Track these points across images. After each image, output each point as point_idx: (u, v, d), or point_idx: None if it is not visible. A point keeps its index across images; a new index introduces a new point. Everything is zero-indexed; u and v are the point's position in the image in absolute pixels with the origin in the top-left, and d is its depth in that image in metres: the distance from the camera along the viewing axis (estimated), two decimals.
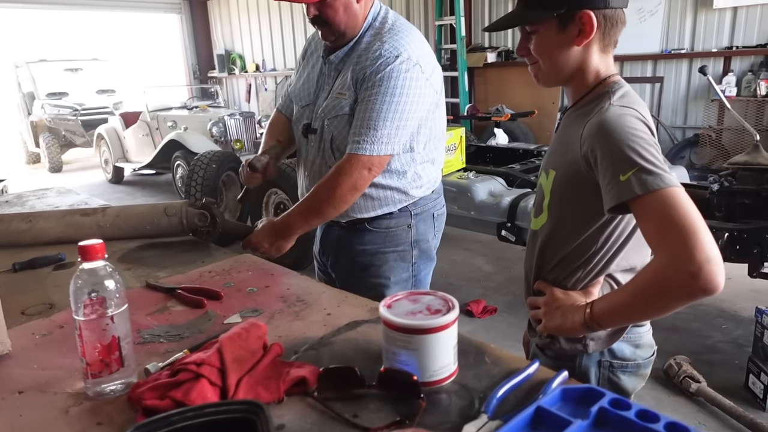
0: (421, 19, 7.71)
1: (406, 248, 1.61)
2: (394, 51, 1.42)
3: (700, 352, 2.76)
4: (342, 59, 1.51)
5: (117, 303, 0.84)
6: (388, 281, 1.60)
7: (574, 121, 1.03)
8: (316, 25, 1.49)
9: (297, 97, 1.65)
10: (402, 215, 1.59)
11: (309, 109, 1.59)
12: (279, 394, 0.81)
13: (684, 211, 0.83)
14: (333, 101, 1.50)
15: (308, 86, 1.61)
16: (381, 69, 1.41)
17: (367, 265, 1.59)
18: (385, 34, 1.47)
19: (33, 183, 8.05)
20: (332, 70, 1.54)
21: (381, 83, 1.41)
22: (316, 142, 1.56)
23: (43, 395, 0.86)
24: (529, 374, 0.84)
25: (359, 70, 1.45)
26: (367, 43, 1.48)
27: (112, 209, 1.57)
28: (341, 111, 1.48)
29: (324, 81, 1.57)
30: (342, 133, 1.49)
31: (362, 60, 1.45)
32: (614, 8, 0.99)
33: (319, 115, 1.54)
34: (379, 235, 1.58)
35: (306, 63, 1.67)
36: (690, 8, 5.42)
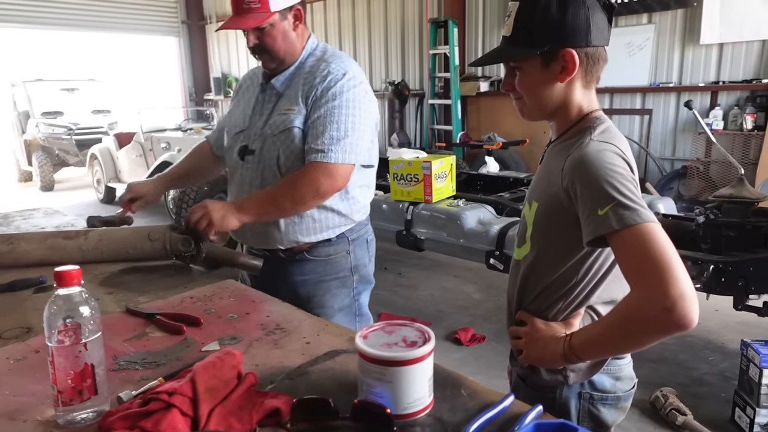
0: (416, 47, 7.84)
1: (346, 274, 1.67)
2: (341, 69, 1.55)
3: (686, 384, 2.75)
4: (285, 83, 1.61)
5: (92, 329, 0.83)
6: (332, 309, 1.64)
7: (556, 155, 1.06)
8: (257, 54, 1.59)
9: (230, 126, 1.73)
10: (340, 242, 1.65)
11: (243, 134, 1.67)
12: (251, 424, 0.80)
13: (659, 247, 0.85)
14: (279, 117, 1.58)
15: (243, 114, 1.70)
16: (332, 85, 1.53)
17: (309, 296, 1.63)
18: (328, 58, 1.60)
19: (24, 201, 8.01)
20: (273, 95, 1.64)
21: (335, 98, 1.52)
22: (255, 162, 1.62)
23: (12, 422, 0.85)
24: (504, 408, 0.84)
25: (308, 89, 1.55)
26: (311, 66, 1.60)
27: (95, 233, 1.57)
28: (290, 124, 1.55)
29: (262, 106, 1.66)
30: (289, 148, 1.56)
31: (310, 79, 1.56)
32: (596, 46, 1.02)
33: (258, 136, 1.62)
34: (318, 263, 1.63)
35: (240, 97, 1.77)
36: (678, 43, 5.55)
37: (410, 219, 3.56)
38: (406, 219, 3.57)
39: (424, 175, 3.47)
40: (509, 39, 1.05)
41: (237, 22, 1.51)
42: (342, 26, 8.70)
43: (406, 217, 3.57)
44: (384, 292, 4.23)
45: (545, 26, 1.00)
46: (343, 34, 8.71)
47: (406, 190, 3.57)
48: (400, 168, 3.55)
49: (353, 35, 8.57)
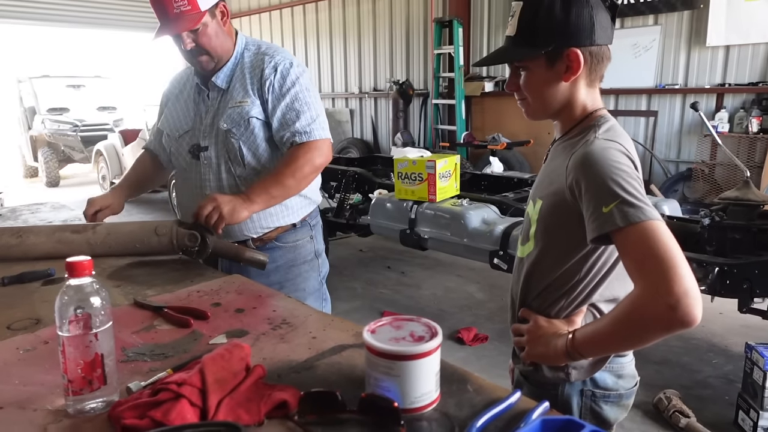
0: (420, 47, 7.84)
1: (312, 258, 1.80)
2: (287, 59, 1.65)
3: (690, 387, 2.75)
4: (226, 79, 1.67)
5: (102, 320, 0.84)
6: (305, 293, 1.75)
7: (561, 153, 1.06)
8: (196, 57, 1.61)
9: (172, 129, 1.76)
10: (303, 227, 1.77)
11: (189, 134, 1.72)
12: (259, 416, 0.81)
13: (664, 244, 0.85)
14: (233, 110, 1.63)
15: (184, 115, 1.75)
16: (286, 74, 1.62)
17: (282, 281, 1.72)
18: (267, 51, 1.68)
19: (29, 197, 8.04)
20: (215, 92, 1.68)
21: (294, 85, 1.62)
22: (211, 157, 1.67)
23: (22, 411, 0.85)
24: (511, 404, 0.84)
25: (259, 81, 1.62)
26: (251, 60, 1.67)
27: (103, 227, 1.58)
28: (246, 115, 1.62)
29: (203, 105, 1.71)
30: (249, 138, 1.63)
31: (257, 72, 1.63)
32: (600, 45, 1.03)
33: (208, 132, 1.67)
34: (287, 249, 1.74)
35: (174, 101, 1.79)
36: (684, 45, 5.53)
37: (414, 218, 3.56)
38: (410, 218, 3.58)
39: (428, 174, 3.47)
40: (513, 39, 1.06)
41: (172, 28, 1.53)
42: (347, 26, 8.70)
43: (410, 216, 3.57)
44: (387, 291, 4.23)
45: (549, 26, 1.00)
46: (348, 34, 8.72)
47: (410, 189, 3.57)
48: (404, 167, 3.56)
49: (358, 35, 8.58)
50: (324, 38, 9.09)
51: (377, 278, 4.52)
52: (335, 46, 8.95)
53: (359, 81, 8.71)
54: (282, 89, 1.61)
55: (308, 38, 9.33)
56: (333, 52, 9.01)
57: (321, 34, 9.12)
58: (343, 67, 8.92)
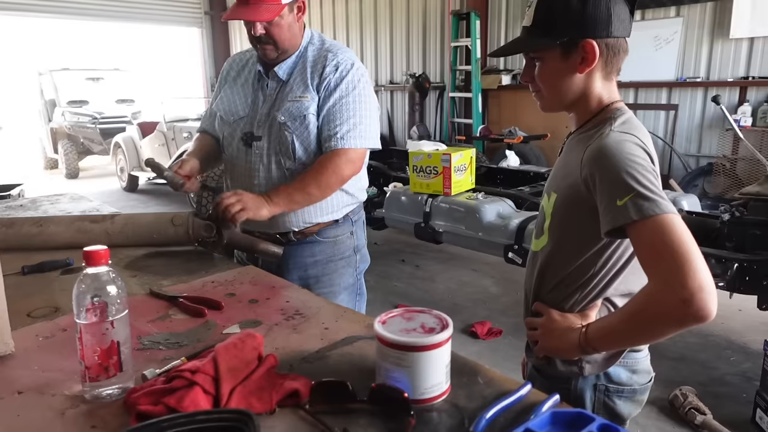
0: (437, 39, 7.79)
1: (350, 254, 1.78)
2: (350, 60, 1.64)
3: (707, 384, 2.71)
4: (288, 71, 1.65)
5: (118, 308, 0.85)
6: (339, 288, 1.74)
7: (576, 146, 1.05)
8: (260, 44, 1.59)
9: (227, 113, 1.73)
10: (345, 223, 1.75)
11: (244, 121, 1.69)
12: (271, 405, 0.82)
13: (678, 238, 0.84)
14: (293, 104, 1.61)
15: (241, 101, 1.72)
16: (344, 75, 1.61)
17: (319, 275, 1.71)
18: (331, 48, 1.66)
19: (50, 188, 8.19)
20: (275, 82, 1.66)
21: (348, 87, 1.61)
22: (263, 148, 1.65)
23: (41, 396, 0.88)
24: (521, 396, 0.84)
25: (319, 78, 1.61)
26: (314, 56, 1.65)
27: (121, 217, 1.60)
28: (305, 111, 1.60)
29: (262, 93, 1.69)
30: (303, 134, 1.62)
31: (318, 68, 1.62)
32: (616, 37, 1.01)
33: (264, 122, 1.65)
34: (327, 244, 1.72)
35: (231, 83, 1.76)
36: (706, 37, 5.42)
37: (429, 211, 3.56)
38: (425, 211, 3.57)
39: (444, 167, 3.46)
40: (529, 29, 1.05)
41: (249, 13, 1.51)
42: (363, 18, 8.68)
43: (425, 210, 3.57)
44: (401, 284, 4.24)
45: (566, 16, 1.00)
46: (364, 26, 8.70)
47: (425, 183, 3.57)
48: (419, 160, 3.55)
49: (374, 27, 8.55)
50: (340, 31, 9.08)
51: (391, 271, 4.53)
52: (351, 38, 8.93)
53: (375, 74, 8.70)
54: (336, 89, 1.60)
55: (324, 31, 9.32)
56: (349, 45, 9.00)
57: (338, 27, 9.12)
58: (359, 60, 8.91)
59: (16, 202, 2.42)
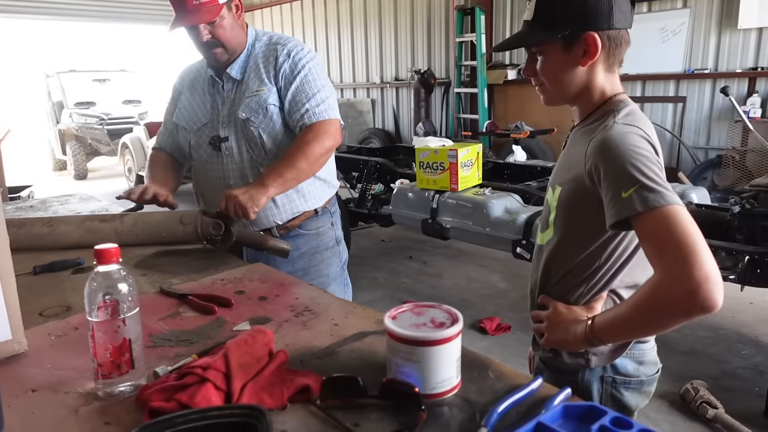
0: (442, 35, 7.77)
1: (333, 245, 1.84)
2: (299, 46, 1.69)
3: (718, 378, 2.70)
4: (240, 70, 1.69)
5: (129, 306, 0.86)
6: (328, 278, 1.80)
7: (579, 139, 1.05)
8: (211, 49, 1.62)
9: (189, 122, 1.77)
10: (324, 215, 1.81)
11: (208, 127, 1.73)
12: (282, 400, 0.82)
13: (684, 229, 0.84)
14: (251, 99, 1.65)
15: (200, 108, 1.75)
16: (298, 59, 1.65)
17: (307, 267, 1.76)
18: (279, 40, 1.70)
19: (58, 190, 8.24)
20: (229, 83, 1.70)
21: (305, 67, 1.65)
22: (232, 148, 1.69)
23: (54, 394, 0.88)
24: (532, 390, 0.84)
25: (273, 69, 1.65)
26: (264, 51, 1.69)
27: (130, 216, 1.61)
28: (264, 103, 1.64)
29: (218, 97, 1.72)
30: (269, 125, 1.66)
31: (271, 60, 1.66)
32: (618, 29, 1.01)
33: (227, 123, 1.69)
34: (311, 236, 1.78)
35: (187, 94, 1.79)
36: (714, 28, 5.37)
37: (436, 207, 3.55)
38: (432, 207, 3.57)
39: (450, 163, 3.45)
40: (531, 23, 1.05)
41: (191, 18, 1.55)
42: (368, 15, 8.67)
43: (432, 206, 3.56)
44: (408, 281, 4.24)
45: (566, 9, 1.00)
46: (368, 23, 8.68)
47: (431, 179, 3.56)
48: (426, 156, 3.54)
49: (379, 24, 8.54)
50: (345, 28, 9.07)
51: (399, 268, 4.53)
52: (356, 36, 8.92)
53: (380, 71, 8.68)
54: (293, 72, 1.65)
55: (329, 29, 9.32)
56: (354, 42, 8.99)
57: (342, 24, 9.11)
58: (364, 57, 8.90)
59: (26, 203, 2.44)
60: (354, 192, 4.61)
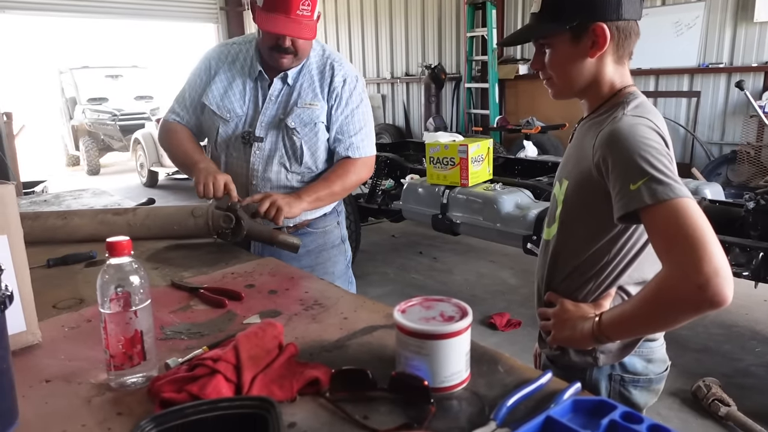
0: (453, 30, 7.73)
1: (339, 243, 1.89)
2: (354, 74, 1.74)
3: (731, 375, 2.67)
4: (295, 77, 1.69)
5: (141, 298, 0.87)
6: (333, 276, 1.82)
7: (587, 131, 1.04)
8: (282, 54, 1.59)
9: (224, 109, 1.71)
10: (331, 215, 1.86)
11: (243, 120, 1.71)
12: (292, 393, 0.82)
13: (693, 222, 0.82)
14: (306, 111, 1.67)
15: (237, 99, 1.70)
16: (353, 89, 1.72)
17: (313, 264, 1.79)
18: (331, 56, 1.73)
19: (72, 185, 8.33)
20: (280, 85, 1.69)
21: (357, 100, 1.73)
22: (265, 149, 1.70)
23: (68, 385, 0.90)
24: (542, 384, 0.84)
25: (328, 88, 1.69)
26: (318, 63, 1.71)
27: (142, 210, 1.63)
28: (317, 119, 1.69)
29: (261, 94, 1.70)
30: (312, 140, 1.70)
31: (327, 78, 1.69)
32: (627, 20, 0.99)
33: (268, 124, 1.69)
34: (318, 235, 1.82)
35: (224, 80, 1.71)
36: (729, 21, 5.29)
37: (446, 203, 3.54)
38: (442, 203, 3.56)
39: (461, 158, 3.44)
40: (538, 15, 1.04)
41: (292, 29, 1.51)
42: (378, 9, 8.64)
43: (442, 201, 3.56)
44: (418, 276, 4.24)
45: (574, 0, 0.98)
46: (379, 18, 8.66)
47: (442, 174, 3.55)
48: (436, 151, 3.54)
49: (390, 19, 8.51)
50: (355, 23, 9.05)
51: (409, 263, 4.53)
52: (366, 31, 8.90)
53: (391, 66, 8.67)
54: (348, 102, 1.71)
55: (339, 24, 9.31)
56: (364, 37, 8.97)
57: (352, 20, 9.09)
58: (374, 52, 8.88)
59: (40, 198, 2.47)
60: (364, 187, 4.62)
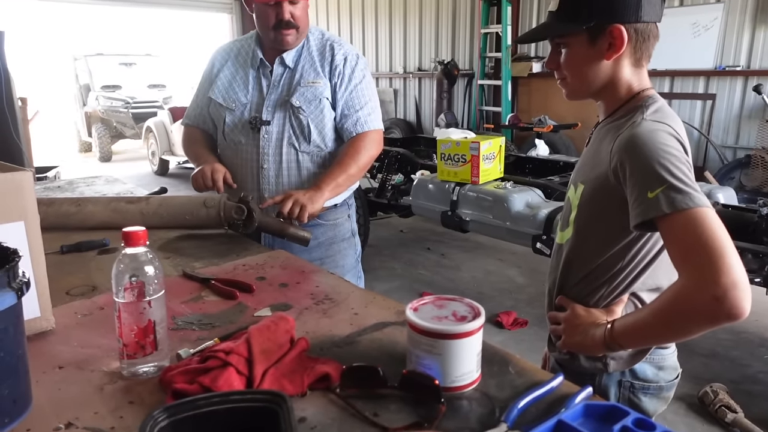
0: (467, 26, 7.68)
1: (349, 236, 1.88)
2: (354, 52, 1.77)
3: (739, 382, 2.65)
4: (294, 58, 1.73)
5: (155, 288, 0.87)
6: (343, 269, 1.82)
7: (605, 135, 1.02)
8: (285, 29, 1.63)
9: (229, 99, 1.76)
10: (342, 207, 1.85)
11: (248, 107, 1.74)
12: (303, 387, 0.82)
13: (712, 233, 0.81)
14: (309, 89, 1.70)
15: (240, 88, 1.75)
16: (354, 65, 1.74)
17: (323, 257, 1.79)
18: (330, 38, 1.77)
19: (84, 171, 8.39)
20: (283, 68, 1.73)
21: (359, 76, 1.74)
22: (272, 132, 1.72)
23: (80, 372, 0.90)
24: (553, 387, 0.83)
25: (328, 65, 1.71)
26: (317, 45, 1.75)
27: (155, 198, 1.64)
28: (320, 95, 1.70)
29: (266, 79, 1.74)
30: (318, 117, 1.71)
31: (327, 57, 1.72)
32: (646, 22, 0.98)
33: (274, 106, 1.71)
34: (329, 227, 1.81)
35: (227, 74, 1.78)
36: (748, 24, 5.22)
37: (456, 200, 3.53)
38: (452, 200, 3.55)
39: (472, 156, 3.42)
40: (556, 14, 1.02)
41: None
42: (393, 4, 8.60)
43: (452, 198, 3.55)
44: (426, 272, 4.24)
45: (592, 1, 0.97)
46: (393, 13, 8.62)
47: (452, 171, 3.54)
48: (447, 148, 3.52)
49: (404, 14, 8.47)
50: (369, 17, 9.01)
51: (417, 259, 4.52)
52: (380, 25, 8.87)
53: (404, 61, 8.63)
54: (350, 78, 1.73)
55: (353, 17, 9.27)
56: (378, 31, 8.93)
57: (366, 14, 9.05)
58: (388, 47, 8.85)
59: (54, 184, 2.49)
60: (374, 182, 4.61)
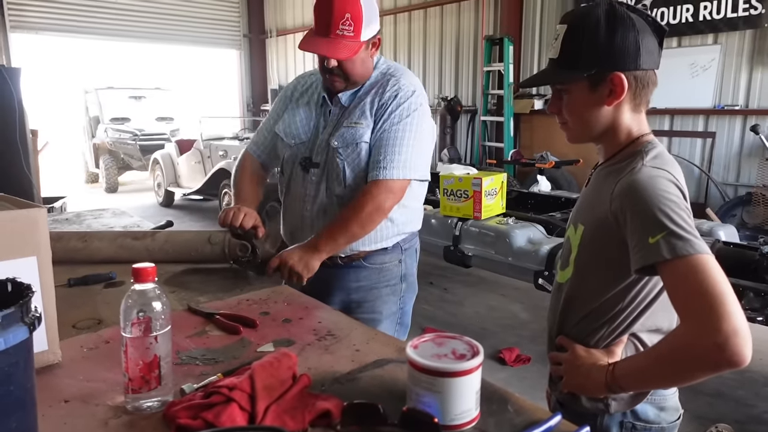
0: (469, 63, 7.85)
1: (396, 282, 1.72)
2: (411, 87, 1.59)
3: (744, 422, 2.61)
4: (351, 97, 1.62)
5: (162, 324, 0.89)
6: (380, 315, 1.70)
7: (605, 178, 1.05)
8: (330, 74, 1.55)
9: (290, 135, 1.69)
10: (394, 251, 1.70)
11: (305, 146, 1.66)
12: (303, 424, 0.84)
13: (713, 280, 0.82)
14: (348, 131, 1.58)
15: (303, 125, 1.67)
16: (402, 102, 1.56)
17: (361, 301, 1.68)
18: (394, 72, 1.62)
19: (90, 202, 8.47)
20: (338, 108, 1.63)
21: (403, 114, 1.56)
22: (318, 175, 1.63)
23: (86, 406, 0.92)
24: (551, 427, 0.84)
25: (378, 102, 1.57)
26: (377, 80, 1.61)
27: (161, 234, 1.66)
28: (359, 139, 1.57)
29: (324, 119, 1.65)
30: (355, 161, 1.58)
31: (379, 92, 1.58)
32: (645, 70, 1.01)
33: (323, 148, 1.62)
34: (373, 271, 1.68)
35: (294, 105, 1.72)
36: (745, 65, 5.33)
37: (458, 235, 3.56)
38: (455, 235, 3.58)
39: (474, 191, 3.47)
40: (556, 61, 1.05)
41: (326, 49, 1.47)
42: (398, 41, 8.82)
43: (455, 233, 3.58)
44: (428, 307, 4.22)
45: (593, 49, 0.99)
46: (398, 50, 8.83)
47: (455, 206, 3.58)
48: (450, 183, 3.57)
49: (408, 51, 8.68)
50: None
51: (419, 293, 4.45)
52: None
53: None
54: (391, 115, 1.56)
55: None
56: None
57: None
58: None
59: (62, 216, 2.53)
60: None
